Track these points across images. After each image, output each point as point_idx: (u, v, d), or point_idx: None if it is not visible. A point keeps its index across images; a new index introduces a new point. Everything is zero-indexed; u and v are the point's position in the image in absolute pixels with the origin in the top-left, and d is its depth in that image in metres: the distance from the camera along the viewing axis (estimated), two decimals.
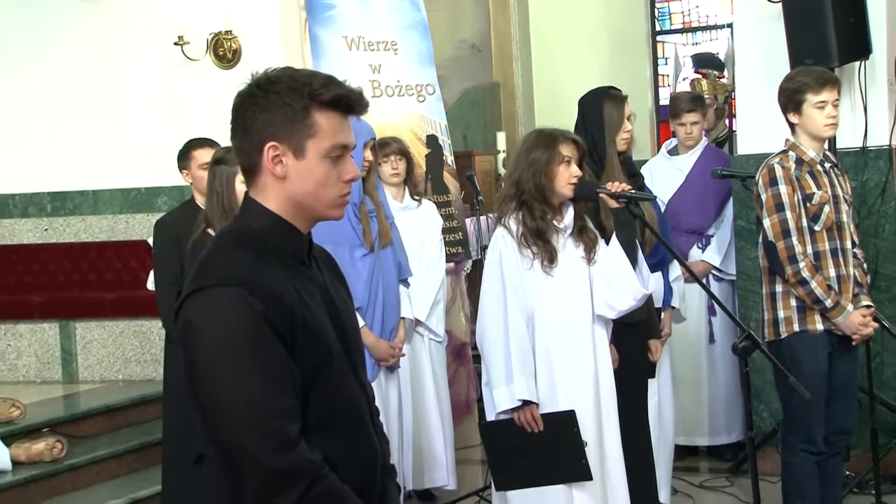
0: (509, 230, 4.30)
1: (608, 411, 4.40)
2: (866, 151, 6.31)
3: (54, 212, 8.34)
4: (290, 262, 2.41)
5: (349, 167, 2.43)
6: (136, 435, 6.90)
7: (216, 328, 2.27)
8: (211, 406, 2.30)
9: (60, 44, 8.15)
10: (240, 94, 2.42)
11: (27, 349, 8.01)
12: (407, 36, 7.27)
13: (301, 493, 2.25)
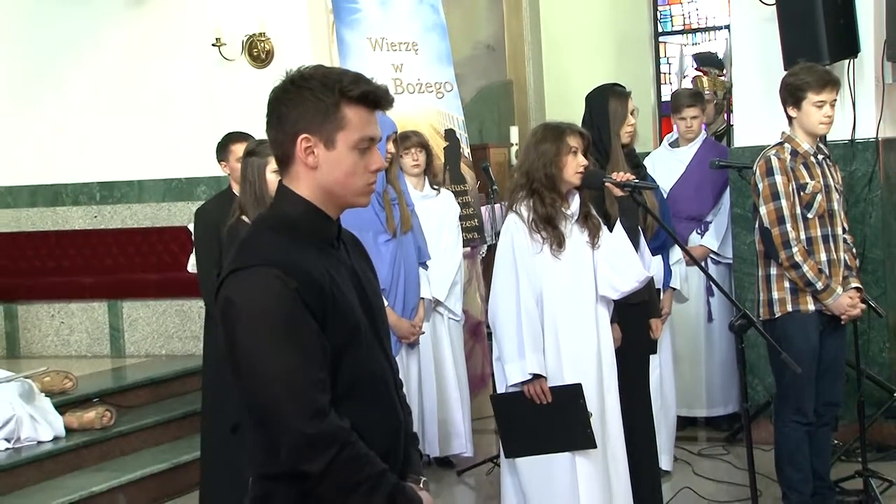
0: (521, 216, 4.27)
1: (609, 384, 4.37)
2: (854, 144, 6.28)
3: (103, 200, 8.37)
4: (321, 245, 2.40)
5: (375, 158, 2.42)
6: (179, 405, 6.94)
7: (254, 305, 2.27)
8: (248, 377, 2.29)
9: (108, 45, 8.17)
10: (275, 90, 2.41)
11: (79, 326, 8.06)
12: (427, 37, 7.24)
13: (331, 458, 2.25)
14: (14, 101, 8.43)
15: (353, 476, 2.28)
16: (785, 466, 4.96)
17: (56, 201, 8.45)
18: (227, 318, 2.31)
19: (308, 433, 2.24)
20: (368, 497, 2.30)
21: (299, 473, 2.27)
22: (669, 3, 10.11)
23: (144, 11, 8.08)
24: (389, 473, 2.35)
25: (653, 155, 7.05)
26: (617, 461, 4.37)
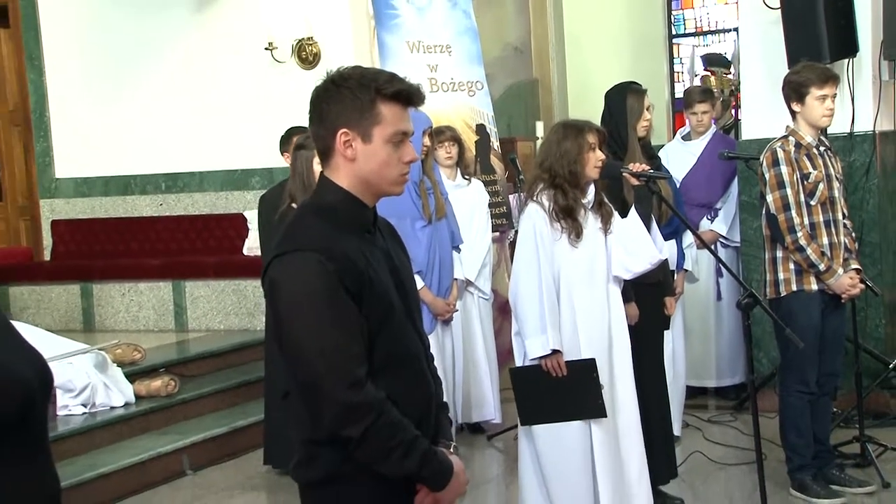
0: (541, 205, 4.22)
1: (621, 358, 4.32)
2: (853, 136, 6.22)
3: (167, 189, 8.42)
4: (358, 230, 2.38)
5: (408, 150, 2.40)
6: (236, 375, 6.98)
7: (296, 286, 2.26)
8: (293, 351, 2.29)
9: (174, 50, 8.21)
10: (317, 89, 2.40)
11: (146, 304, 8.11)
12: (459, 40, 7.20)
13: (368, 425, 2.24)
14: (91, 102, 8.48)
15: (389, 441, 2.27)
16: (789, 432, 4.93)
17: (126, 191, 8.51)
18: (272, 298, 2.32)
19: (347, 402, 2.23)
20: (402, 460, 2.29)
21: (340, 439, 2.27)
22: (682, 8, 10.04)
23: (206, 19, 8.11)
24: (422, 438, 2.33)
25: (667, 147, 7.00)
26: (629, 427, 4.32)
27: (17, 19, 8.57)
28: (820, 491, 4.87)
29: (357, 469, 2.30)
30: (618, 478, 4.26)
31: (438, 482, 2.36)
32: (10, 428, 1.82)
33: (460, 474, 2.41)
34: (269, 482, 5.74)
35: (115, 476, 5.50)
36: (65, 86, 8.56)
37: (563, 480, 4.23)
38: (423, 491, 2.37)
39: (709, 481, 5.32)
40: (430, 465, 2.33)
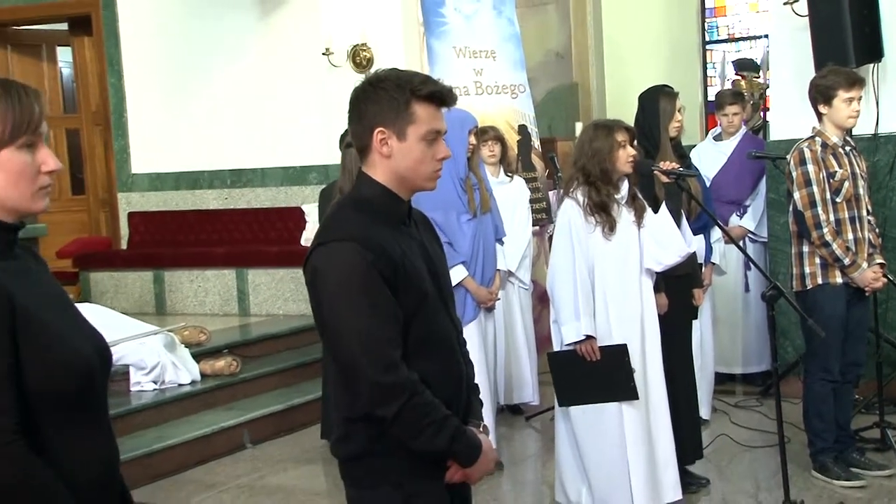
0: (577, 201, 4.20)
1: (652, 345, 4.29)
2: (878, 137, 6.08)
3: (232, 184, 8.47)
4: (394, 222, 2.37)
5: (441, 148, 2.37)
6: (293, 356, 6.99)
7: (335, 274, 2.25)
8: (332, 335, 2.28)
9: (239, 55, 8.25)
10: (356, 90, 2.39)
11: (212, 289, 8.17)
12: (504, 46, 7.14)
13: (401, 405, 2.22)
14: (164, 103, 8.56)
15: (421, 420, 2.26)
16: (812, 417, 4.86)
17: (195, 185, 8.57)
18: (313, 285, 2.31)
19: (382, 383, 2.22)
20: (433, 438, 2.27)
21: (375, 417, 2.26)
22: (716, 16, 9.92)
23: (268, 27, 8.15)
24: (452, 417, 2.31)
25: (699, 147, 6.90)
26: (658, 410, 4.30)
27: (100, 28, 8.66)
28: (840, 473, 4.80)
29: (391, 446, 2.29)
30: (648, 456, 4.25)
31: (468, 459, 2.34)
32: (71, 400, 1.84)
33: (488, 452, 2.39)
34: (325, 456, 5.72)
35: (181, 448, 5.56)
36: (141, 89, 8.64)
37: (597, 458, 4.22)
38: (453, 467, 2.36)
39: (734, 462, 5.25)
40: (459, 442, 2.31)
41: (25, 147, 1.83)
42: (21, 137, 1.82)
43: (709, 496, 4.75)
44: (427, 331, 2.32)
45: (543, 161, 7.17)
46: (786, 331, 6.21)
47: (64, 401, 1.82)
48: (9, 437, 1.72)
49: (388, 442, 2.28)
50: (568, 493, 4.36)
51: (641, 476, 4.20)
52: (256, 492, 5.19)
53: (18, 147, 1.82)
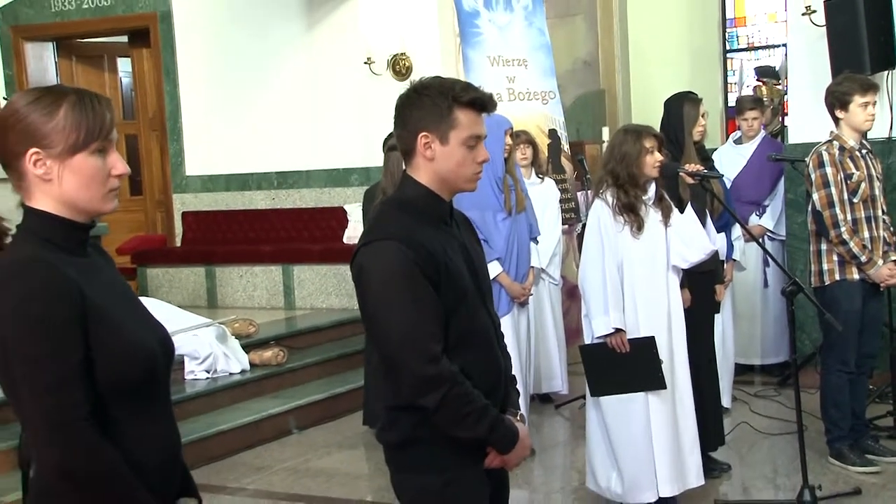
0: (606, 202, 4.17)
1: (678, 337, 4.25)
2: (891, 141, 6.01)
3: (279, 185, 8.49)
4: (436, 222, 2.36)
5: (481, 152, 2.36)
6: (336, 347, 7.00)
7: (380, 272, 2.25)
8: (377, 329, 2.28)
9: (286, 64, 8.28)
10: (401, 97, 2.38)
11: (260, 284, 8.20)
12: (535, 55, 7.12)
13: (443, 395, 2.22)
14: (216, 110, 8.59)
15: (461, 409, 2.25)
16: (829, 407, 4.82)
17: (244, 186, 8.60)
18: (359, 282, 2.30)
19: (424, 375, 2.22)
20: (474, 426, 2.27)
21: (418, 407, 2.25)
22: (736, 26, 9.83)
23: (313, 38, 8.16)
24: (491, 407, 2.30)
25: (720, 150, 6.84)
26: (683, 399, 4.26)
27: (157, 40, 8.71)
28: (856, 460, 4.76)
29: (432, 433, 2.28)
30: (673, 443, 4.21)
31: (505, 446, 2.33)
32: (137, 389, 1.86)
33: (525, 439, 2.38)
34: (366, 441, 5.75)
35: (232, 433, 5.59)
36: (195, 96, 8.69)
37: (626, 445, 4.19)
38: (492, 453, 2.35)
39: (754, 449, 5.20)
40: (498, 430, 2.30)
41: (97, 152, 1.84)
42: (93, 143, 1.83)
43: (730, 481, 4.72)
44: (467, 325, 2.31)
45: (572, 163, 7.15)
46: (803, 324, 6.14)
47: (131, 390, 1.83)
48: (81, 423, 1.73)
49: (430, 430, 2.28)
50: (598, 478, 4.33)
51: (667, 462, 4.17)
52: (302, 475, 5.21)
53: (91, 152, 1.83)
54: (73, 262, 1.82)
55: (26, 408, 1.74)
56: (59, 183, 1.82)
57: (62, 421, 1.71)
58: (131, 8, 8.76)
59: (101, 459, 1.75)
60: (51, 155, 1.81)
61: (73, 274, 1.78)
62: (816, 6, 6.16)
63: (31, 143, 1.80)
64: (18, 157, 1.81)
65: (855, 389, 4.81)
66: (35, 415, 1.73)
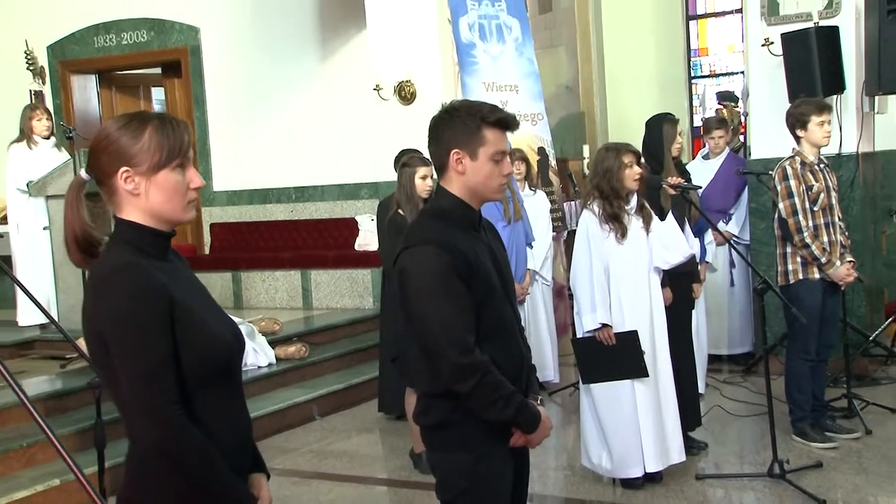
0: (593, 212, 4.20)
1: (659, 331, 4.28)
2: (841, 157, 6.05)
3: (297, 199, 8.50)
4: (467, 228, 2.36)
5: (506, 165, 2.38)
6: (351, 343, 6.99)
7: (420, 273, 2.26)
8: (418, 324, 2.28)
9: (303, 90, 8.29)
10: (434, 118, 2.38)
11: (281, 287, 8.18)
12: (525, 81, 7.16)
13: (476, 382, 2.23)
14: (240, 132, 8.59)
15: (492, 395, 2.26)
16: (793, 390, 4.84)
17: (265, 200, 8.60)
18: (401, 282, 2.30)
19: (460, 364, 2.22)
20: (502, 409, 2.28)
21: (453, 392, 2.26)
22: (699, 55, 9.92)
23: (327, 67, 8.18)
24: (517, 393, 2.32)
25: (691, 165, 6.79)
26: (666, 385, 4.29)
27: (188, 71, 8.72)
28: (816, 437, 4.79)
29: (465, 416, 2.29)
30: (657, 425, 4.24)
31: (530, 426, 2.35)
32: (216, 377, 1.87)
33: (546, 421, 2.39)
34: (381, 426, 5.77)
35: (261, 420, 5.55)
36: (221, 120, 8.68)
37: (616, 427, 4.22)
38: (517, 433, 2.36)
39: (726, 429, 5.23)
40: (523, 413, 2.31)
41: (178, 168, 1.86)
42: (174, 161, 1.85)
43: (707, 457, 4.75)
44: (495, 319, 2.32)
45: (559, 177, 7.18)
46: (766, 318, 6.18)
47: (210, 378, 1.85)
48: (171, 407, 1.75)
49: (463, 413, 2.28)
50: (591, 457, 4.35)
51: (652, 442, 4.20)
52: (325, 456, 5.22)
53: (172, 169, 1.85)
54: (158, 266, 1.83)
55: (124, 394, 1.76)
56: (146, 197, 1.84)
57: (156, 405, 1.73)
58: (165, 43, 8.77)
59: (189, 439, 1.76)
60: (138, 172, 1.83)
61: (160, 276, 1.80)
62: (774, 38, 6.21)
63: (121, 163, 1.82)
64: (111, 175, 1.84)
65: (815, 375, 4.84)
66: (132, 400, 1.75)
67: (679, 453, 4.32)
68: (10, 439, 4.48)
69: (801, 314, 4.19)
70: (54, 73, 9.19)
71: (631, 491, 4.27)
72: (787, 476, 4.22)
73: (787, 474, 4.23)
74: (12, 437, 4.54)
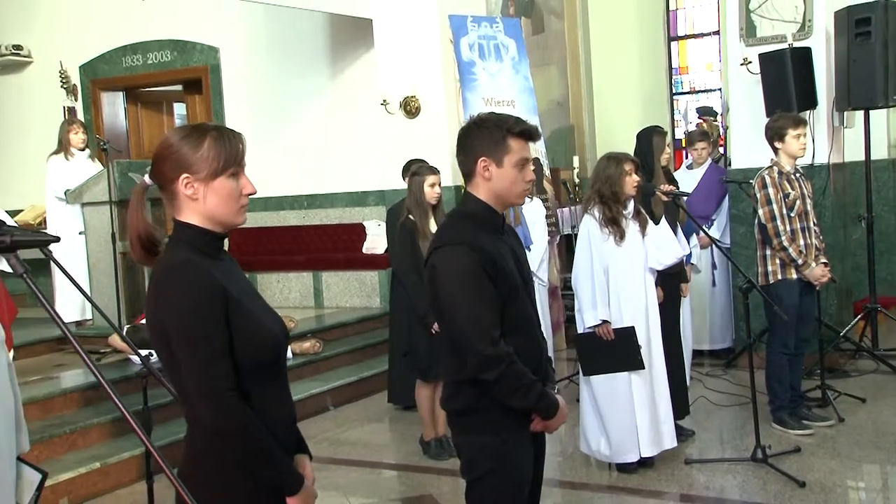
0: (594, 216, 4.23)
1: (653, 327, 4.32)
2: (813, 167, 6.09)
3: (308, 206, 8.50)
4: (492, 230, 2.38)
5: (529, 172, 2.39)
6: (360, 340, 7.01)
7: (450, 270, 2.27)
8: (448, 318, 2.30)
9: (314, 105, 8.30)
10: (463, 129, 2.40)
11: (294, 287, 8.20)
12: (520, 97, 7.20)
13: (501, 371, 2.25)
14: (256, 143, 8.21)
15: (515, 383, 2.28)
16: (772, 382, 4.88)
17: (279, 207, 8.60)
18: (432, 279, 2.31)
19: (486, 354, 2.24)
20: (524, 397, 2.30)
21: (479, 380, 2.28)
22: (680, 73, 9.95)
23: (337, 83, 8.19)
24: (538, 382, 2.34)
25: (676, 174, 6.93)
26: (659, 377, 4.33)
27: (208, 88, 8.72)
28: (794, 424, 4.84)
29: (490, 402, 2.31)
30: (651, 413, 4.27)
31: (548, 413, 2.36)
32: (266, 367, 1.89)
33: (563, 408, 2.41)
34: (391, 415, 5.79)
35: None
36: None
37: (613, 415, 4.25)
38: (536, 419, 2.37)
39: (711, 418, 5.27)
40: (543, 401, 2.33)
41: (232, 176, 1.89)
42: (230, 168, 1.88)
43: (695, 444, 4.78)
44: (517, 314, 2.33)
45: (553, 186, 7.21)
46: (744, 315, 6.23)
47: (262, 367, 1.87)
48: (229, 393, 1.77)
49: (488, 399, 2.30)
50: (590, 443, 4.38)
51: (646, 429, 4.24)
52: (340, 443, 5.23)
53: (228, 176, 1.88)
54: (213, 265, 1.86)
55: (185, 381, 1.79)
56: (204, 201, 1.87)
57: (214, 390, 1.76)
58: (187, 63, 8.78)
59: (245, 421, 1.79)
60: (197, 179, 1.86)
61: (216, 273, 1.83)
62: (752, 58, 6.27)
63: (182, 170, 1.85)
64: (172, 181, 1.86)
65: (793, 367, 4.88)
66: (193, 386, 1.77)
67: (671, 440, 4.35)
68: (53, 426, 4.52)
69: (782, 311, 4.22)
70: (86, 90, 9.22)
71: (626, 475, 4.30)
72: (768, 460, 4.26)
73: (769, 458, 4.27)
74: (56, 423, 4.60)
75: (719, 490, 4.11)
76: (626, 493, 4.11)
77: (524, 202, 2.47)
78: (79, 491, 4.27)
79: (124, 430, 4.71)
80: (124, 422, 4.77)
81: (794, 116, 4.87)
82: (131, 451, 4.48)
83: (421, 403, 4.82)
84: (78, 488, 4.27)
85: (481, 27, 7.09)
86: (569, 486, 4.26)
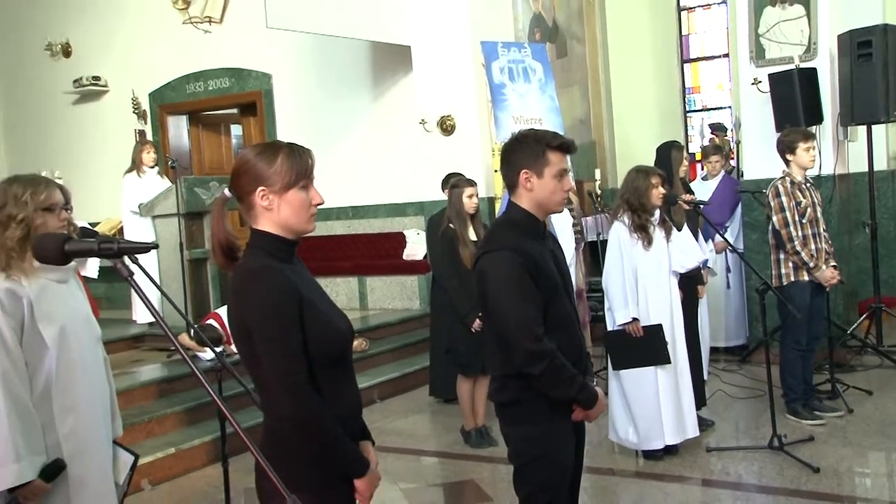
0: (623, 223, 4.22)
1: (677, 325, 4.30)
2: (820, 177, 6.02)
3: (353, 216, 8.54)
4: (535, 236, 2.38)
5: (567, 182, 2.39)
6: (402, 339, 6.98)
7: (497, 273, 2.28)
8: (496, 317, 2.30)
9: (358, 124, 8.34)
10: (506, 144, 2.40)
11: (341, 292, 8.20)
12: (547, 115, 7.16)
13: (545, 366, 2.25)
14: None
15: (558, 376, 2.28)
16: (787, 376, 4.84)
17: (327, 217, 8.64)
18: (481, 281, 2.32)
19: (531, 350, 2.24)
20: (567, 389, 2.30)
21: (525, 374, 2.28)
22: (693, 93, 9.89)
23: (380, 104, 8.23)
24: (579, 375, 2.33)
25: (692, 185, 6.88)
26: (682, 371, 4.31)
27: (262, 111, 8.81)
28: (807, 415, 4.79)
29: (535, 394, 2.31)
30: (676, 404, 4.26)
31: (589, 403, 2.36)
32: (335, 361, 1.90)
33: (602, 399, 2.40)
34: (432, 408, 5.80)
35: None
36: None
37: (640, 406, 4.23)
38: (577, 409, 2.37)
39: (728, 409, 5.22)
40: (583, 392, 2.33)
41: (303, 188, 1.91)
42: (301, 181, 1.90)
43: (714, 433, 4.75)
44: (558, 313, 2.33)
45: (578, 196, 7.17)
46: (757, 315, 6.13)
47: (331, 361, 1.88)
48: (305, 386, 1.79)
49: (532, 392, 2.31)
50: (618, 431, 4.36)
51: (671, 418, 4.22)
52: (387, 433, 5.24)
53: (299, 188, 1.89)
54: (287, 269, 1.89)
55: (264, 374, 1.80)
56: (278, 211, 1.89)
57: (292, 384, 1.78)
58: (243, 88, 8.89)
59: (320, 411, 1.80)
60: (272, 191, 1.88)
61: (291, 276, 1.85)
62: (761, 78, 6.23)
63: (258, 183, 1.88)
64: (250, 193, 1.89)
65: (805, 362, 4.83)
66: (272, 380, 1.79)
67: (694, 429, 4.33)
68: (133, 415, 4.61)
69: (795, 310, 4.17)
70: (154, 114, 9.40)
71: (653, 461, 4.28)
72: (784, 448, 4.22)
73: (785, 447, 4.23)
74: (135, 413, 4.68)
75: (739, 476, 4.07)
76: (652, 478, 4.09)
77: (563, 210, 2.45)
78: (157, 473, 4.35)
79: (196, 419, 4.78)
80: (195, 411, 4.85)
81: (803, 131, 4.86)
82: (202, 438, 4.54)
83: (462, 396, 4.82)
84: (156, 471, 4.35)
85: (511, 52, 7.09)
86: (599, 472, 4.24)
